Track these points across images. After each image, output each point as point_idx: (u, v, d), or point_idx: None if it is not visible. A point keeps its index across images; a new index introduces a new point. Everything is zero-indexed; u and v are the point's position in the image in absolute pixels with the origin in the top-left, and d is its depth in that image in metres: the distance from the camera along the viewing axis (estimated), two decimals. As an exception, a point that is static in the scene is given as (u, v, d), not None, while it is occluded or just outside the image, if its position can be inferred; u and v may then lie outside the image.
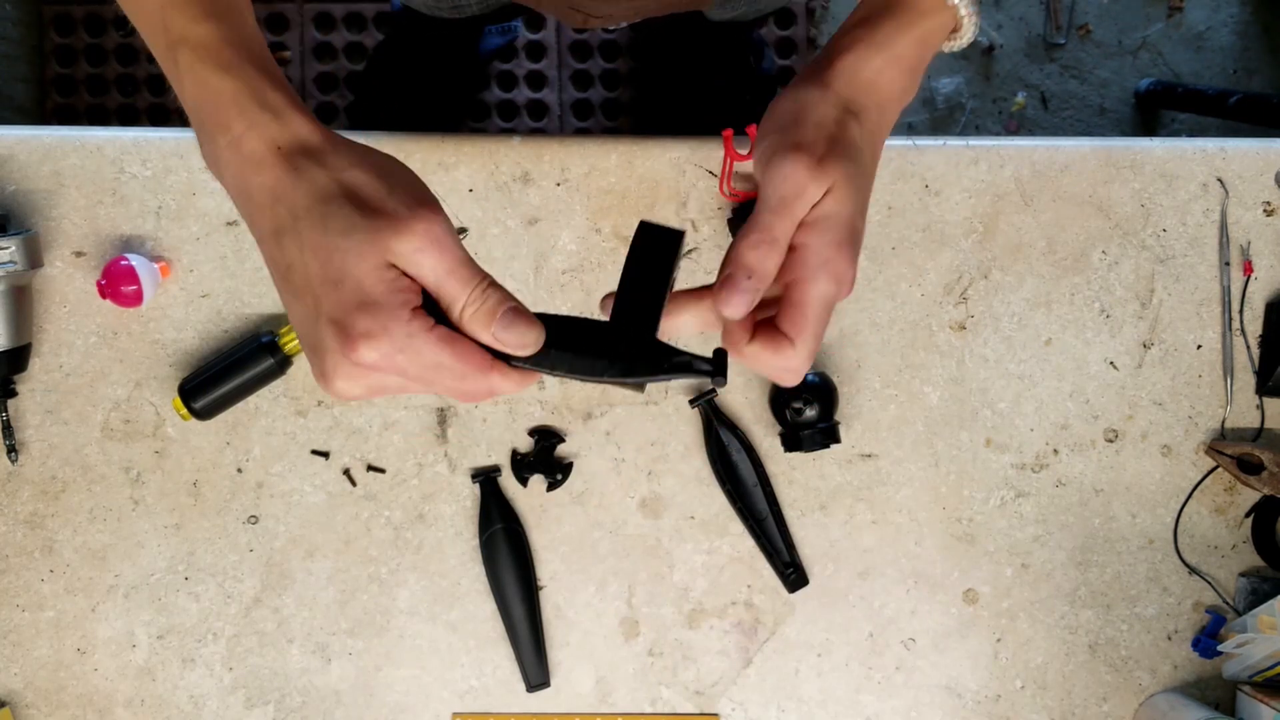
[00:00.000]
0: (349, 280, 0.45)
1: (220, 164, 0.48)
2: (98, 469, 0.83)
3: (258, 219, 0.47)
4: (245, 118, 0.47)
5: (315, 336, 0.47)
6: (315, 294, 0.46)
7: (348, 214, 0.46)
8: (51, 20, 1.62)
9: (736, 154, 0.83)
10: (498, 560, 0.83)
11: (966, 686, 0.85)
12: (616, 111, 1.64)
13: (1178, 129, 1.68)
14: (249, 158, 0.47)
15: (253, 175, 0.47)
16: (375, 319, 0.45)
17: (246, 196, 0.47)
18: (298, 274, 0.46)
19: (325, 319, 0.46)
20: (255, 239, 0.48)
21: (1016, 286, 0.85)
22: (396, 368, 0.46)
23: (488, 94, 1.63)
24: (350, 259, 0.45)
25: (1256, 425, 0.85)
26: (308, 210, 0.46)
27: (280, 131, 0.47)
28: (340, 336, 0.45)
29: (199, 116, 0.48)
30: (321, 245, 0.46)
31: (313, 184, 0.46)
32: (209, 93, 0.47)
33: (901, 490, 0.85)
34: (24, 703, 0.83)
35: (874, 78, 0.52)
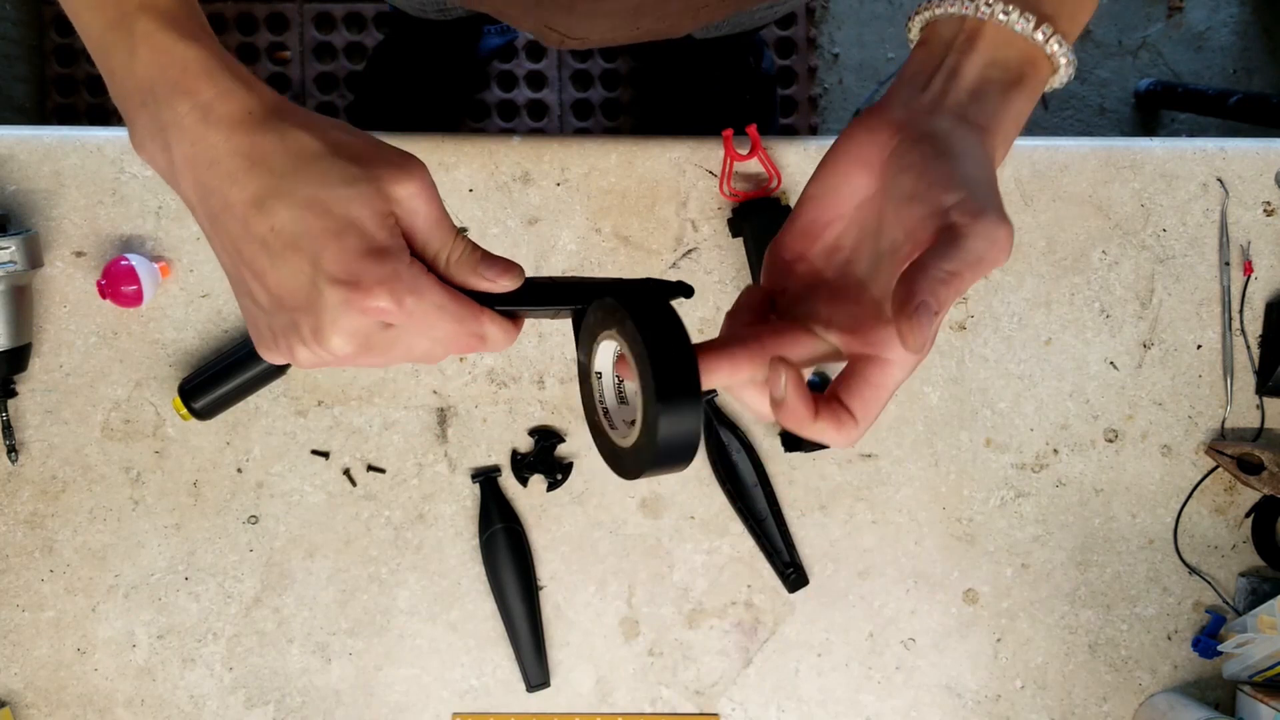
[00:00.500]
0: (353, 229, 0.45)
1: (173, 135, 0.46)
2: (98, 469, 0.83)
3: (225, 190, 0.46)
4: (215, 84, 0.46)
5: (309, 295, 0.46)
6: (312, 251, 0.45)
7: (343, 165, 0.46)
8: (51, 20, 1.62)
9: (736, 154, 0.83)
10: (498, 560, 0.83)
11: (966, 686, 0.85)
12: (616, 111, 1.64)
13: (1178, 129, 1.68)
14: (219, 122, 0.46)
15: (223, 142, 0.46)
16: (385, 264, 0.45)
17: (210, 165, 0.46)
18: (284, 235, 0.45)
19: (325, 275, 0.45)
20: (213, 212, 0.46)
21: (1016, 286, 0.85)
22: (405, 312, 0.46)
23: (488, 94, 1.63)
24: (354, 207, 0.45)
25: (1256, 425, 0.85)
26: (296, 168, 0.45)
27: (251, 98, 0.46)
28: (348, 286, 0.45)
29: (150, 86, 0.46)
30: (318, 199, 0.45)
31: (298, 142, 0.46)
32: (173, 59, 0.46)
33: (901, 490, 0.85)
34: (24, 703, 0.83)
35: (1005, 149, 0.50)
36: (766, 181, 0.84)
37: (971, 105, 0.49)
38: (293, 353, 0.48)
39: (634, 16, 0.74)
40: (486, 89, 1.62)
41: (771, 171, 0.83)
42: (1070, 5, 0.50)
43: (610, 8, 0.71)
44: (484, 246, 0.51)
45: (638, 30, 0.78)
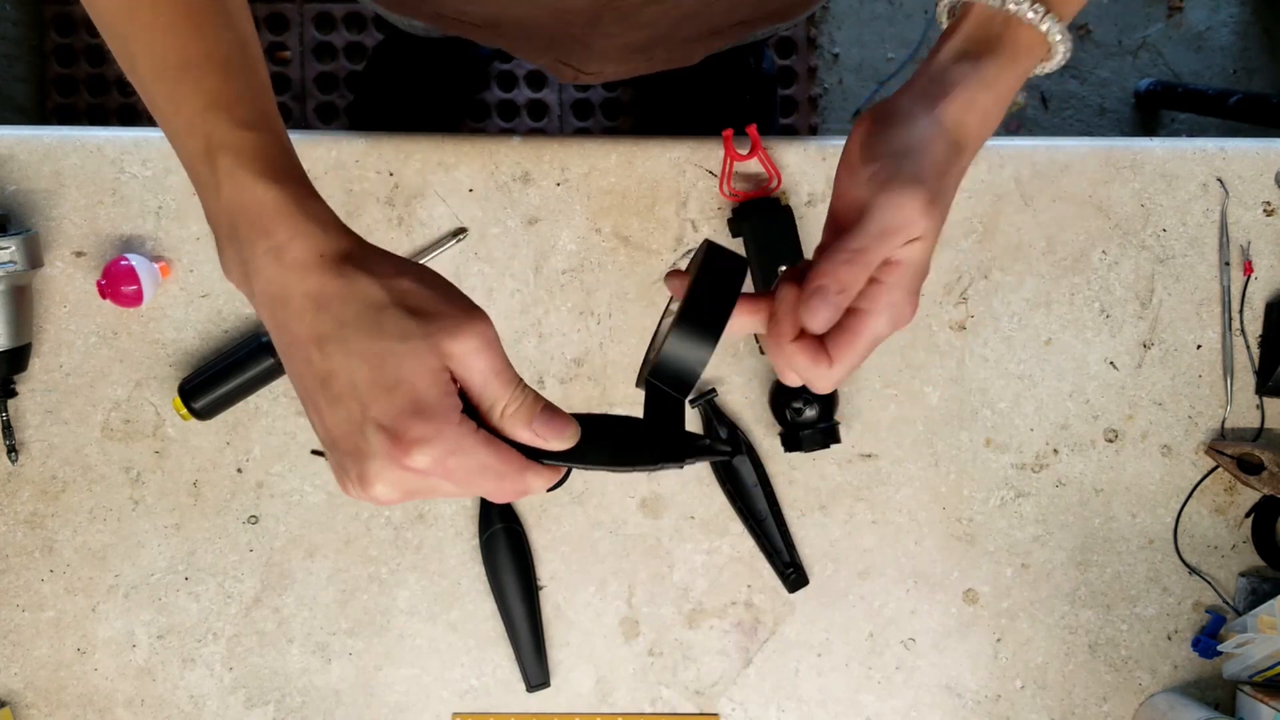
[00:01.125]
0: (403, 385, 0.46)
1: (252, 270, 0.48)
2: (98, 469, 0.83)
3: (294, 326, 0.47)
4: (290, 226, 0.47)
5: (356, 441, 0.47)
6: (362, 400, 0.46)
7: (401, 319, 0.46)
8: (51, 20, 1.62)
9: (736, 154, 0.83)
10: (498, 560, 0.83)
11: (966, 686, 0.85)
12: (616, 111, 1.64)
13: (1178, 129, 1.68)
14: (291, 265, 0.47)
15: (296, 283, 0.47)
16: (430, 423, 0.46)
17: (283, 303, 0.47)
18: (340, 380, 0.46)
19: (373, 424, 0.46)
20: (283, 346, 0.48)
21: (1016, 286, 0.85)
22: (445, 470, 0.47)
23: (488, 94, 1.63)
24: (406, 363, 0.46)
25: (1256, 425, 0.85)
26: (358, 317, 0.46)
27: (325, 241, 0.47)
28: (391, 441, 0.46)
29: (233, 221, 0.48)
30: (372, 351, 0.46)
31: (362, 291, 0.46)
32: (251, 200, 0.47)
33: (901, 490, 0.85)
34: (24, 703, 0.83)
35: (980, 118, 0.52)
36: (766, 181, 0.84)
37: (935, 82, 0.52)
38: (347, 489, 0.49)
39: (648, 49, 0.75)
40: (486, 89, 1.62)
41: (771, 171, 0.83)
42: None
43: (625, 43, 0.71)
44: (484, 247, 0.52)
45: (651, 62, 0.78)
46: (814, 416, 0.80)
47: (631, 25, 0.68)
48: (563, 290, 0.84)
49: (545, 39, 0.73)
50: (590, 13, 0.66)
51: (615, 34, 0.69)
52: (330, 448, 0.48)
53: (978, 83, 0.52)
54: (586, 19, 0.67)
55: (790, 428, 0.81)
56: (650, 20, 0.68)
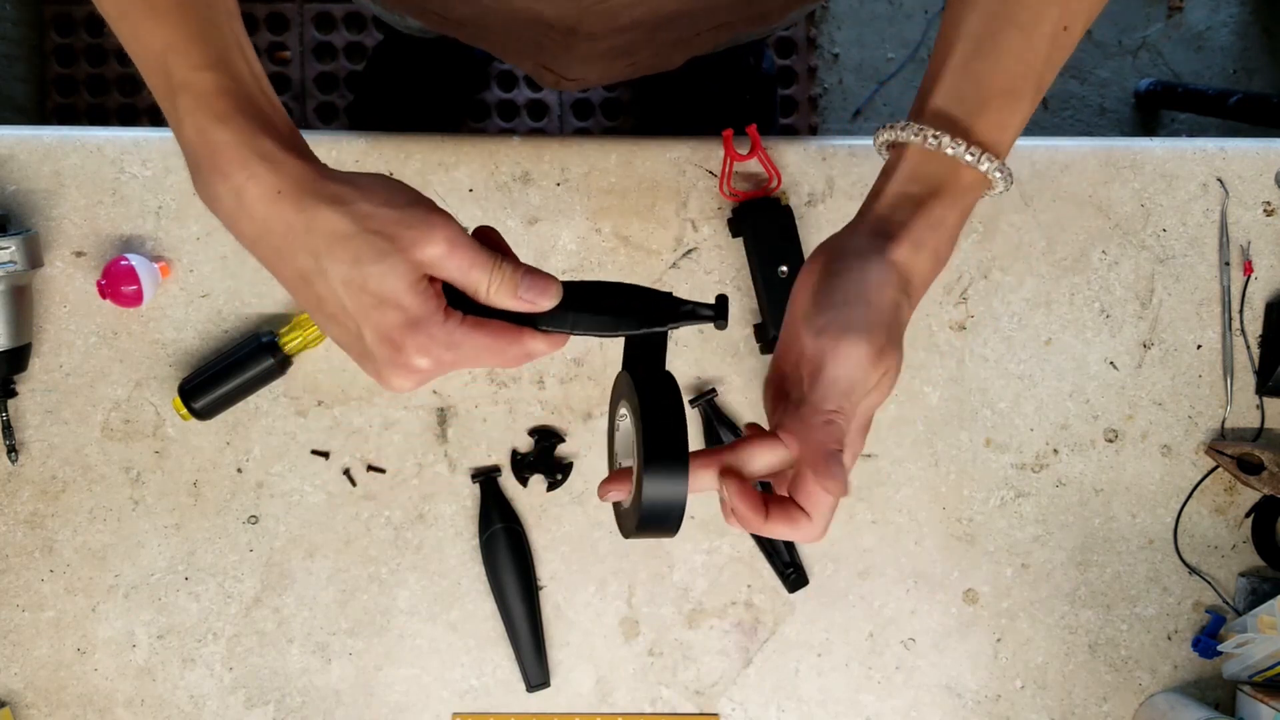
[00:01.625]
0: (387, 302, 0.49)
1: (221, 207, 0.50)
2: (98, 469, 0.83)
3: (274, 263, 0.50)
4: (245, 168, 0.48)
5: (363, 349, 0.51)
6: (355, 319, 0.49)
7: (371, 242, 0.48)
8: (51, 20, 1.62)
9: (736, 154, 0.83)
10: (498, 560, 0.83)
11: (966, 686, 0.85)
12: (616, 111, 1.64)
13: (1178, 129, 1.68)
14: (253, 206, 0.49)
15: (260, 223, 0.49)
16: (420, 331, 0.49)
17: (255, 240, 0.50)
18: (331, 304, 0.50)
19: (372, 338, 0.50)
20: (274, 274, 0.51)
21: (1016, 286, 0.85)
22: (446, 363, 0.51)
23: (488, 94, 1.63)
24: (386, 282, 0.48)
25: (1256, 425, 0.85)
26: (329, 247, 0.48)
27: (277, 178, 0.49)
28: (391, 351, 0.50)
29: (196, 159, 0.50)
30: (352, 277, 0.48)
31: (326, 224, 0.48)
32: (207, 141, 0.49)
33: (901, 490, 0.85)
34: (24, 703, 0.83)
35: (931, 257, 0.54)
36: (766, 181, 0.84)
37: (885, 222, 0.54)
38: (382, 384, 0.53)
39: (628, 54, 0.75)
40: (486, 89, 1.62)
41: (771, 171, 0.83)
42: (991, 118, 0.54)
43: (606, 47, 0.71)
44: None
45: (632, 67, 0.79)
46: (814, 416, 0.80)
47: (612, 28, 0.68)
48: (563, 290, 0.84)
49: (528, 42, 0.74)
50: (570, 18, 0.66)
51: (596, 37, 0.69)
52: (347, 352, 0.52)
53: (925, 224, 0.54)
54: (566, 25, 0.67)
55: (790, 428, 0.81)
56: (630, 23, 0.68)
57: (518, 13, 0.67)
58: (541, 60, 0.77)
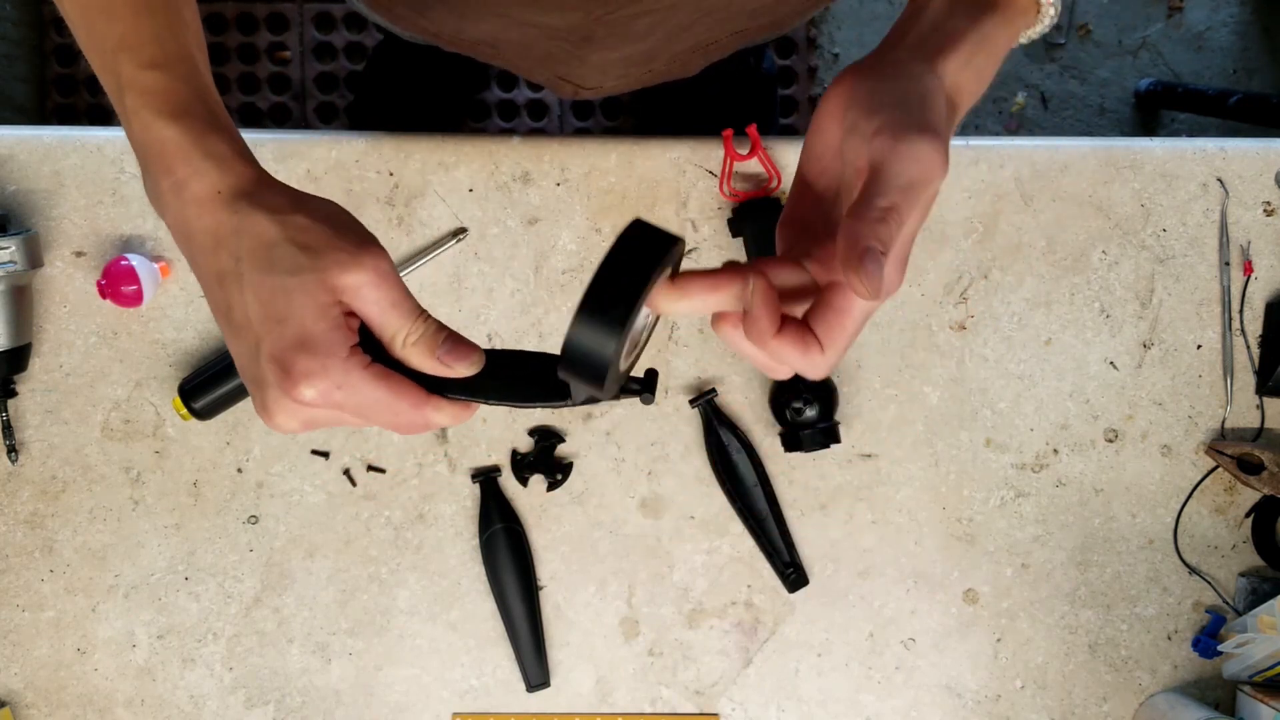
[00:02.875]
0: (292, 320, 0.47)
1: (162, 204, 0.49)
2: (98, 469, 0.83)
3: (199, 260, 0.49)
4: (188, 164, 0.48)
5: (256, 372, 0.48)
6: (256, 332, 0.47)
7: (293, 254, 0.47)
8: (51, 20, 1.62)
9: (736, 154, 0.83)
10: (498, 560, 0.83)
11: (966, 686, 0.85)
12: (616, 111, 1.64)
13: (1178, 129, 1.69)
14: (189, 202, 0.48)
15: (194, 219, 0.48)
16: (314, 357, 0.47)
17: (187, 238, 0.49)
18: (238, 313, 0.48)
19: (266, 356, 0.47)
20: (197, 276, 0.50)
21: (1016, 286, 0.85)
22: (334, 403, 0.48)
23: (488, 94, 1.63)
24: (295, 298, 0.47)
25: (1256, 425, 0.85)
26: (251, 253, 0.47)
27: (221, 178, 0.48)
28: (280, 373, 0.47)
29: (143, 156, 0.50)
30: (264, 285, 0.47)
31: (256, 227, 0.48)
32: (154, 138, 0.49)
33: (901, 490, 0.85)
34: (24, 703, 0.83)
35: (975, 75, 0.51)
36: (766, 181, 0.84)
37: (931, 35, 0.51)
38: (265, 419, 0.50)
39: (646, 61, 0.75)
40: (486, 89, 1.62)
41: (771, 171, 0.83)
42: None
43: (621, 56, 0.71)
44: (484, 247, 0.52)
45: (650, 74, 0.78)
46: (814, 416, 0.80)
47: (625, 39, 0.68)
48: (563, 290, 0.84)
49: (543, 56, 0.73)
50: (583, 28, 0.65)
51: (611, 48, 0.69)
52: (241, 375, 0.50)
53: (975, 41, 0.50)
54: (580, 35, 0.67)
55: (790, 428, 0.81)
56: (643, 33, 0.68)
57: (530, 28, 0.67)
58: (558, 72, 0.77)
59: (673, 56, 0.76)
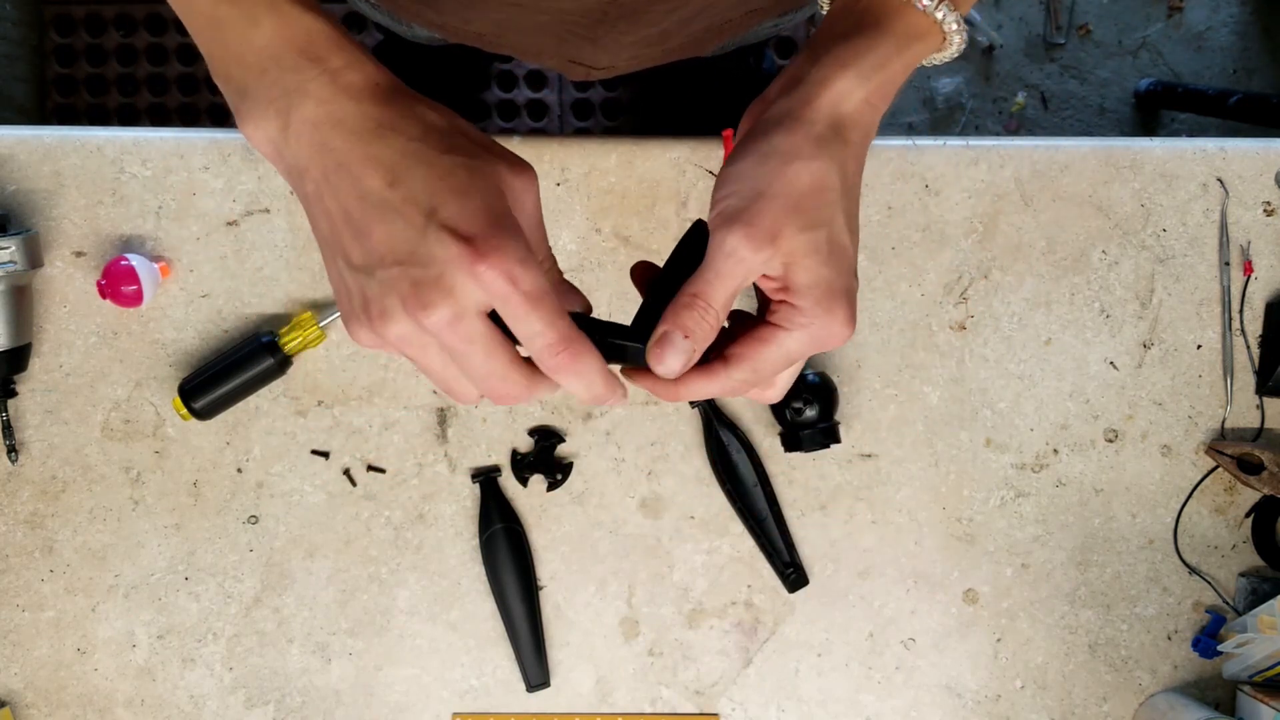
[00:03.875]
0: (476, 194, 0.45)
1: (297, 99, 0.47)
2: (98, 469, 0.83)
3: (350, 146, 0.46)
4: (345, 54, 0.47)
5: (415, 245, 0.44)
6: (432, 201, 0.44)
7: (469, 144, 0.46)
8: (51, 20, 1.62)
9: (736, 154, 0.83)
10: (498, 560, 0.83)
11: (966, 686, 0.85)
12: (616, 111, 1.64)
13: (1178, 129, 1.69)
14: (349, 88, 0.46)
15: (353, 106, 0.46)
16: (503, 232, 0.44)
17: (334, 125, 0.46)
18: (401, 190, 0.45)
19: (440, 222, 0.44)
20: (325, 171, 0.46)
21: (1016, 286, 0.85)
22: (512, 289, 0.44)
23: (488, 94, 1.63)
24: (478, 178, 0.45)
25: (1256, 425, 0.85)
26: (425, 135, 0.46)
27: (379, 72, 0.47)
28: (462, 242, 0.44)
29: (274, 54, 0.47)
30: (443, 162, 0.45)
31: (427, 117, 0.47)
32: (300, 29, 0.47)
33: (901, 490, 0.85)
34: (24, 703, 0.83)
35: (860, 107, 0.50)
36: (766, 181, 0.83)
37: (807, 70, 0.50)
38: (384, 318, 0.46)
39: (660, 42, 0.75)
40: (486, 89, 1.62)
41: (771, 171, 0.83)
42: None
43: (635, 37, 0.71)
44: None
45: (663, 52, 0.78)
46: (814, 416, 0.80)
47: (639, 23, 0.68)
48: (563, 290, 0.84)
49: (553, 40, 0.73)
50: (596, 14, 0.65)
51: (625, 31, 0.69)
52: (374, 268, 0.45)
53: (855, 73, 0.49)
54: (593, 20, 0.67)
55: (790, 428, 0.81)
56: (657, 19, 0.67)
57: (542, 15, 0.67)
58: (568, 55, 0.77)
59: (687, 36, 0.76)
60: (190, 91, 1.63)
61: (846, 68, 0.50)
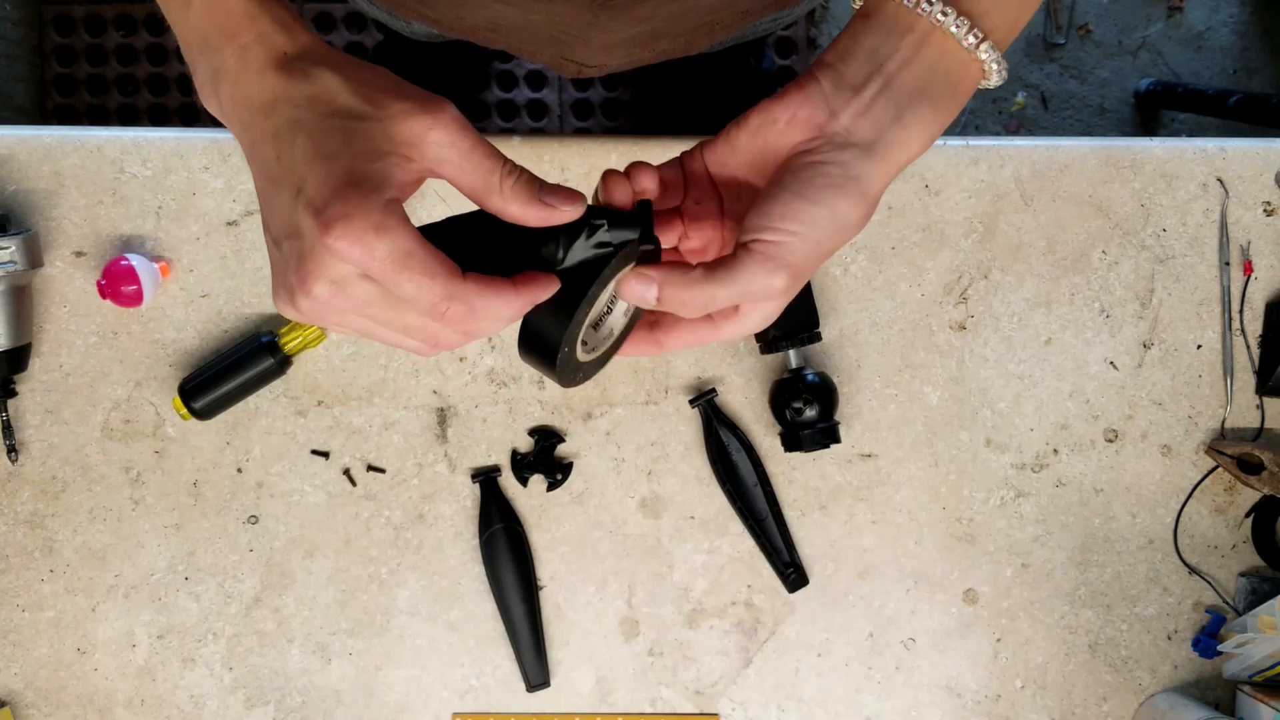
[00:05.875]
0: (340, 158, 0.44)
1: (221, 77, 0.48)
2: (98, 469, 0.83)
3: (256, 122, 0.46)
4: (254, 28, 0.47)
5: (291, 222, 0.45)
6: (300, 175, 0.44)
7: (357, 103, 0.46)
8: (51, 20, 1.62)
9: (736, 154, 0.82)
10: (498, 560, 0.83)
11: (966, 686, 0.85)
12: (616, 111, 1.64)
13: (1178, 129, 1.69)
14: (253, 63, 0.47)
15: (256, 81, 0.47)
16: (358, 196, 0.43)
17: (245, 102, 0.47)
18: (284, 161, 0.45)
19: (303, 199, 0.44)
20: (248, 150, 0.47)
21: (1016, 286, 0.85)
22: (367, 258, 0.43)
23: (488, 94, 1.63)
24: (352, 139, 0.44)
25: (1256, 425, 0.85)
26: (311, 101, 0.46)
27: (288, 41, 0.48)
28: (314, 216, 0.43)
29: (204, 35, 0.48)
30: (319, 127, 0.45)
31: (319, 81, 0.46)
32: (220, 8, 0.48)
33: (901, 490, 0.85)
34: (24, 703, 0.83)
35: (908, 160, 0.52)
36: (766, 181, 0.83)
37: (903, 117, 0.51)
38: (291, 293, 0.46)
39: (650, 40, 0.75)
40: (486, 89, 1.62)
41: (771, 171, 0.83)
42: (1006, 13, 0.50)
43: (625, 37, 0.71)
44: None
45: (654, 52, 0.79)
46: (814, 416, 0.80)
47: (629, 21, 0.68)
48: (563, 290, 0.84)
49: (545, 38, 0.73)
50: (586, 12, 0.66)
51: (614, 29, 0.69)
52: (275, 246, 0.46)
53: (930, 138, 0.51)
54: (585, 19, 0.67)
55: (790, 428, 0.81)
56: (648, 15, 0.68)
57: (533, 13, 0.67)
58: (561, 53, 0.77)
59: (677, 35, 0.76)
60: (190, 91, 1.63)
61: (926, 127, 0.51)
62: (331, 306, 0.46)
